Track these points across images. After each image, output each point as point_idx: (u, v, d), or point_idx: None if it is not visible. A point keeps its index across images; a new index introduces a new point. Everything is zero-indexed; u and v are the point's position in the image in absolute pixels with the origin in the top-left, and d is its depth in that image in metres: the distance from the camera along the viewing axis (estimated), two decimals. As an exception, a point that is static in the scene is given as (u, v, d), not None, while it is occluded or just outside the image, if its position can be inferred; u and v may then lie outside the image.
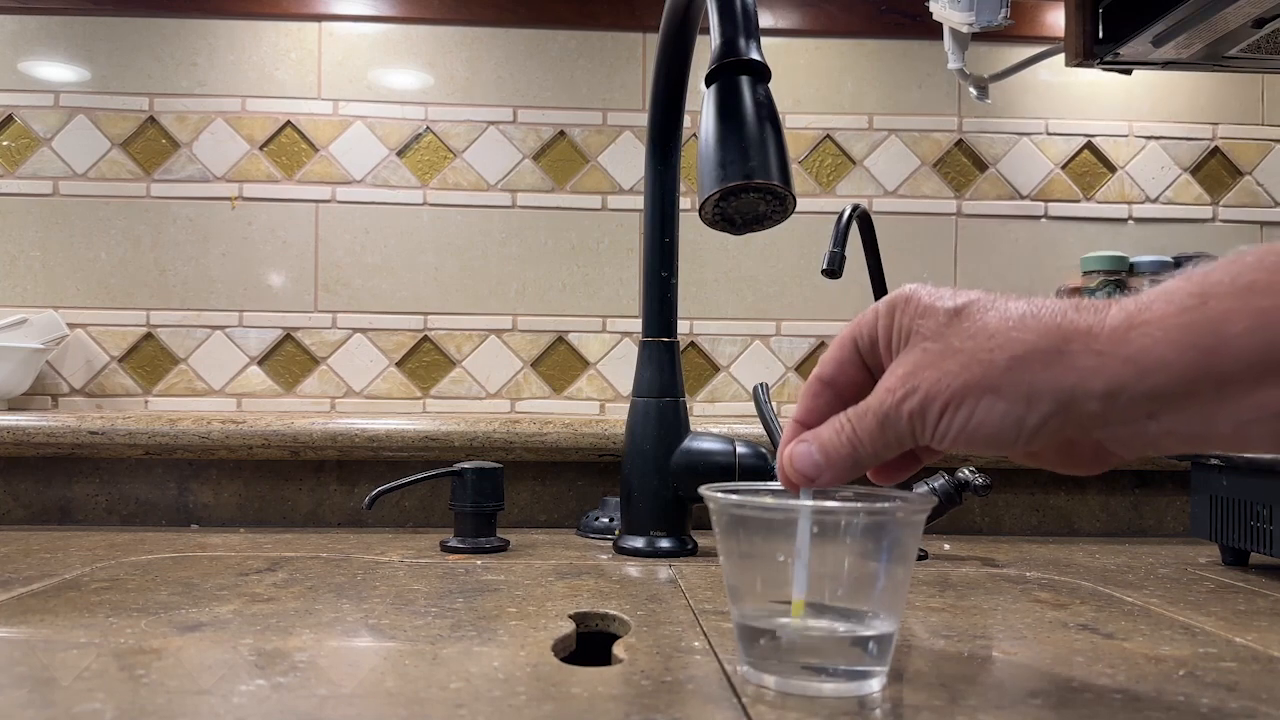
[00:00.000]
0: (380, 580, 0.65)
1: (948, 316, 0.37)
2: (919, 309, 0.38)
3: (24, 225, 1.21)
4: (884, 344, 0.39)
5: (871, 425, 0.38)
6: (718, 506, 0.41)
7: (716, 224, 0.58)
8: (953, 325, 0.37)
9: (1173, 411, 0.33)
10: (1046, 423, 0.35)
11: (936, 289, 0.39)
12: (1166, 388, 0.33)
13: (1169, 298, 0.33)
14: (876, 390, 0.39)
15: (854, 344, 0.41)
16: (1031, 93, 1.26)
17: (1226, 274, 0.32)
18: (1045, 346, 0.34)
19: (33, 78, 1.21)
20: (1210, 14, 0.86)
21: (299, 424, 0.93)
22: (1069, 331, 0.34)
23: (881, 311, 0.40)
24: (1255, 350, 0.31)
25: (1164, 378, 0.32)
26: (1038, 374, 0.34)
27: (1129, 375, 0.33)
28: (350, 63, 1.24)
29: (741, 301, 1.25)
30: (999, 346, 0.35)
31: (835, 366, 0.41)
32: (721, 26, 0.57)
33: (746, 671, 0.41)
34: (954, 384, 0.36)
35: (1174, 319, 0.32)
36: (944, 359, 0.36)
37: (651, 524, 0.78)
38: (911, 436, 0.37)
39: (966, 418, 0.36)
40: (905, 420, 0.37)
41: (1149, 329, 0.33)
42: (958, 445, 0.37)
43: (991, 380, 0.35)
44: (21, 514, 0.97)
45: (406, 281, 1.23)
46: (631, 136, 1.25)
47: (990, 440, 0.36)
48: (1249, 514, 0.72)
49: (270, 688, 0.40)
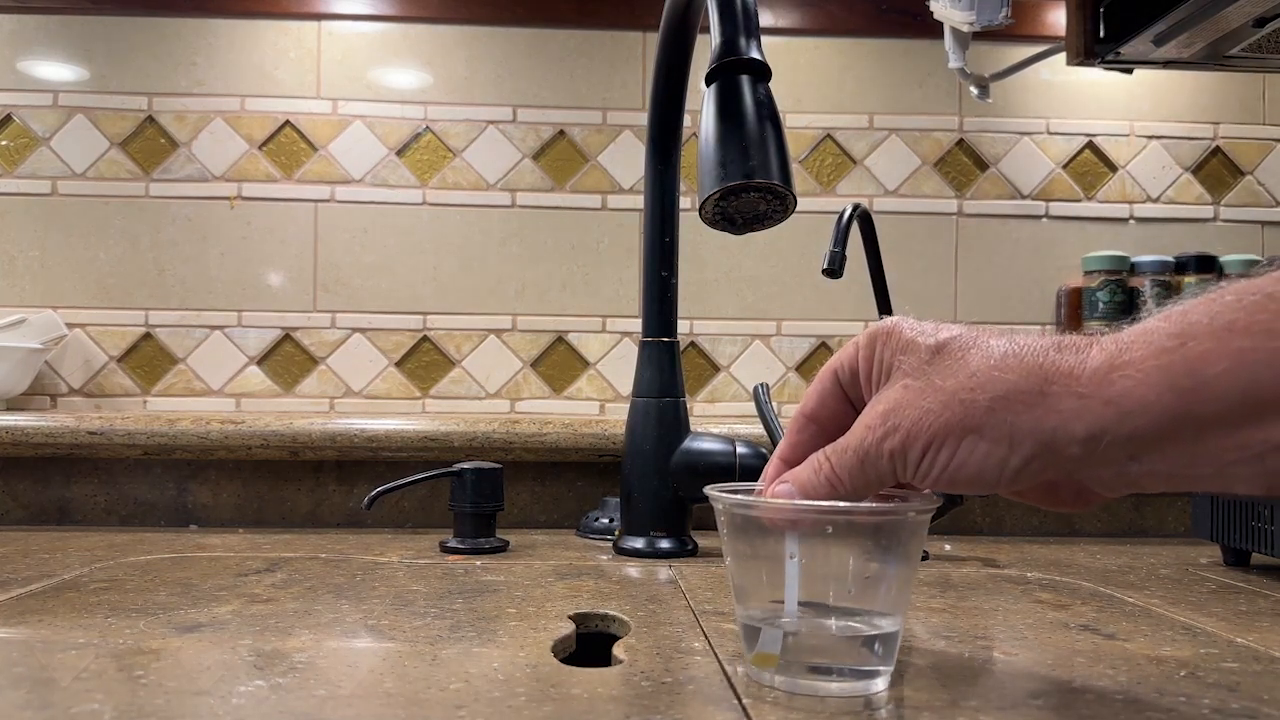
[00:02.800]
0: (379, 581, 0.65)
1: (929, 353, 0.37)
2: (900, 343, 0.38)
3: (22, 225, 1.21)
4: (864, 377, 0.39)
5: (852, 463, 0.38)
6: (724, 507, 0.40)
7: (717, 223, 0.58)
8: (934, 363, 0.36)
9: (1154, 453, 0.33)
10: (1029, 464, 0.34)
11: (918, 323, 0.38)
12: (1147, 430, 0.32)
13: (1148, 339, 0.33)
14: (855, 427, 0.38)
15: (835, 377, 0.41)
16: (1032, 92, 1.26)
17: (1205, 314, 0.32)
18: (1027, 388, 0.34)
19: (31, 77, 1.21)
20: (1211, 13, 0.86)
21: (298, 424, 0.93)
22: (1050, 373, 0.34)
23: (862, 345, 0.40)
24: (1235, 391, 0.31)
25: (1145, 420, 0.32)
26: (1020, 415, 0.34)
27: (1110, 418, 0.33)
28: (349, 62, 1.23)
29: (741, 301, 1.25)
30: (980, 386, 0.35)
31: (817, 400, 0.41)
32: (722, 25, 0.57)
33: (752, 672, 0.41)
34: (935, 424, 0.35)
35: (1153, 361, 0.32)
36: (924, 397, 0.36)
37: (651, 524, 0.77)
38: (892, 475, 0.37)
39: (948, 458, 0.36)
40: (886, 459, 0.37)
41: (1129, 370, 0.32)
42: (939, 486, 0.37)
43: (973, 421, 0.35)
44: (20, 514, 0.97)
45: (406, 281, 1.23)
46: (631, 136, 1.24)
47: (973, 480, 0.36)
48: (1250, 514, 0.72)
49: (269, 688, 0.40)
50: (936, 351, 0.37)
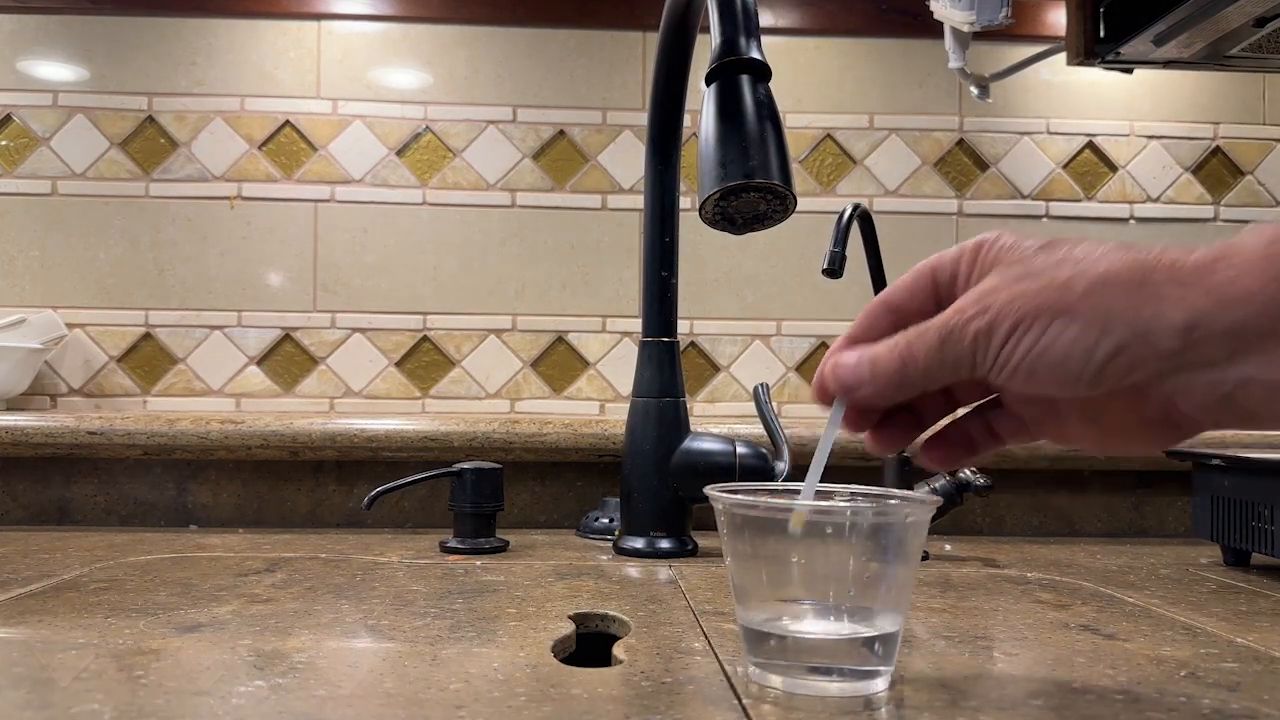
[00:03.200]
0: (379, 581, 0.65)
1: (1034, 249, 0.36)
2: (1006, 245, 0.36)
3: (22, 225, 1.21)
4: (964, 278, 0.38)
5: (931, 341, 0.36)
6: (724, 507, 0.40)
7: (717, 223, 0.58)
8: (1038, 255, 0.35)
9: (1255, 355, 0.31)
10: (1117, 355, 0.33)
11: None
12: (1249, 323, 0.31)
13: (1258, 233, 0.32)
14: (944, 311, 0.37)
15: (931, 275, 0.39)
16: (1032, 92, 1.26)
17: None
18: (1127, 277, 0.33)
19: (31, 77, 1.21)
20: (1211, 13, 0.86)
21: (298, 424, 0.93)
22: (1153, 265, 0.33)
23: (967, 247, 0.38)
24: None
25: (1247, 311, 0.31)
26: (1116, 300, 0.33)
27: (1210, 307, 0.32)
28: (349, 62, 1.23)
29: (741, 301, 1.25)
30: (1080, 273, 0.34)
31: (906, 292, 0.39)
32: (722, 25, 0.57)
33: (753, 672, 0.41)
34: (1026, 305, 0.34)
35: (1260, 251, 0.31)
36: (1021, 282, 0.35)
37: (651, 524, 0.77)
38: (970, 361, 0.35)
39: (1033, 342, 0.34)
40: (969, 339, 0.35)
41: (1234, 262, 0.32)
42: (1018, 377, 0.34)
43: (1067, 303, 0.33)
44: (20, 514, 0.97)
45: (406, 281, 1.23)
46: (631, 136, 1.24)
47: (1054, 369, 0.34)
48: (1250, 514, 0.72)
49: (269, 688, 0.40)
50: (1042, 247, 0.35)
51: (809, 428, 0.94)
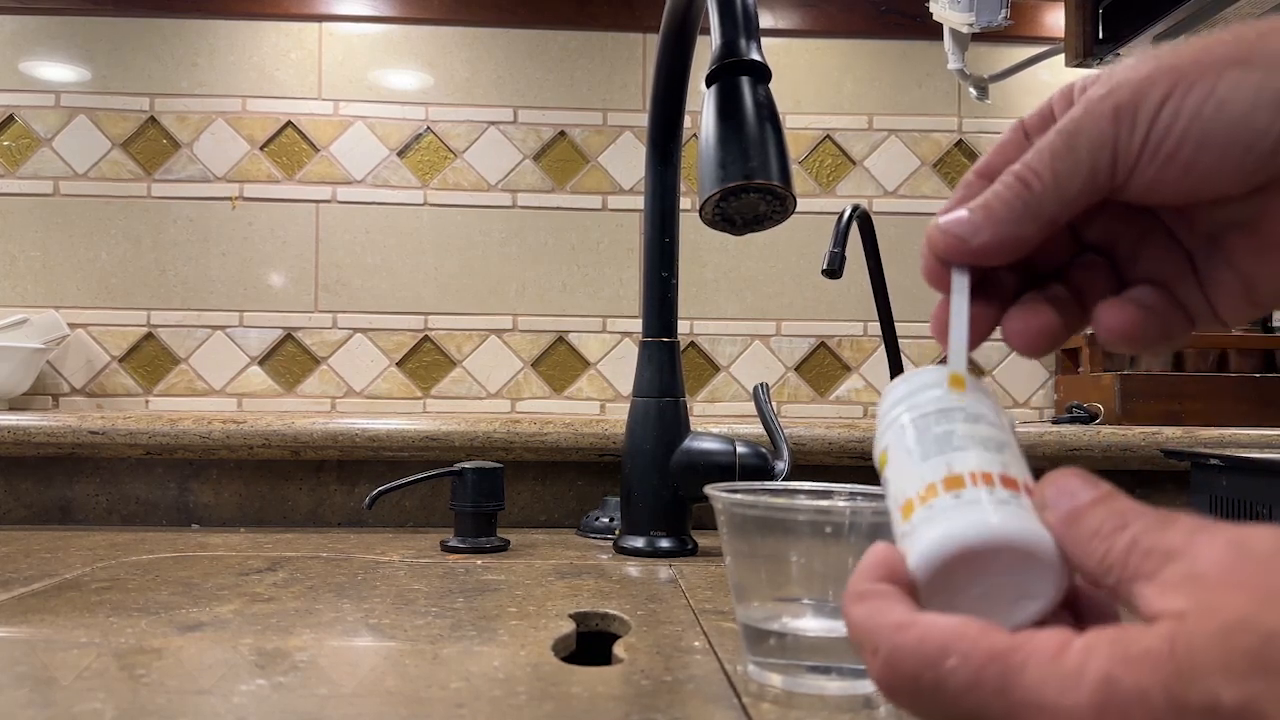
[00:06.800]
0: (380, 580, 0.65)
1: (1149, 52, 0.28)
2: (1104, 70, 0.29)
3: (25, 225, 1.21)
4: (1061, 111, 0.30)
5: (1056, 144, 0.28)
6: (724, 506, 0.41)
7: (716, 224, 0.58)
8: (1161, 49, 0.27)
9: None
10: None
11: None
12: None
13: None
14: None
15: (1021, 128, 0.31)
16: (1032, 93, 1.26)
17: None
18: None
19: (33, 78, 1.21)
20: (1211, 14, 0.87)
21: (299, 424, 0.93)
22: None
23: (1055, 93, 0.31)
24: None
25: None
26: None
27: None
28: (350, 63, 1.24)
29: (741, 301, 1.25)
30: (1234, 31, 0.26)
31: (998, 155, 0.31)
32: (722, 27, 0.57)
33: (752, 671, 0.41)
34: (1180, 64, 0.26)
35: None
36: (1157, 56, 0.27)
37: (652, 524, 0.78)
38: (1112, 150, 0.27)
39: (1202, 97, 0.26)
40: (1108, 119, 0.27)
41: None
42: (1183, 152, 0.26)
43: (1239, 52, 0.26)
44: (22, 514, 0.97)
45: (407, 281, 1.23)
46: (631, 136, 1.25)
47: (1236, 127, 0.25)
48: (1249, 514, 0.72)
49: (271, 687, 0.40)
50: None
51: (808, 427, 0.94)
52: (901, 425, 0.29)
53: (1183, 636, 0.20)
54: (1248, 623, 0.20)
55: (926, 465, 0.27)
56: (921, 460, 0.28)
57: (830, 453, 0.93)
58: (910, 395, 0.30)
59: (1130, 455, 0.94)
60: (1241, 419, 1.06)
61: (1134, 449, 0.94)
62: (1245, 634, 0.20)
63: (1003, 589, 0.25)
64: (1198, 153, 0.26)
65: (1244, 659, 0.19)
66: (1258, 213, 0.28)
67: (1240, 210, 0.28)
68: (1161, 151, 0.26)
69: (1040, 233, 0.29)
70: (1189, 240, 0.30)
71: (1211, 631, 0.20)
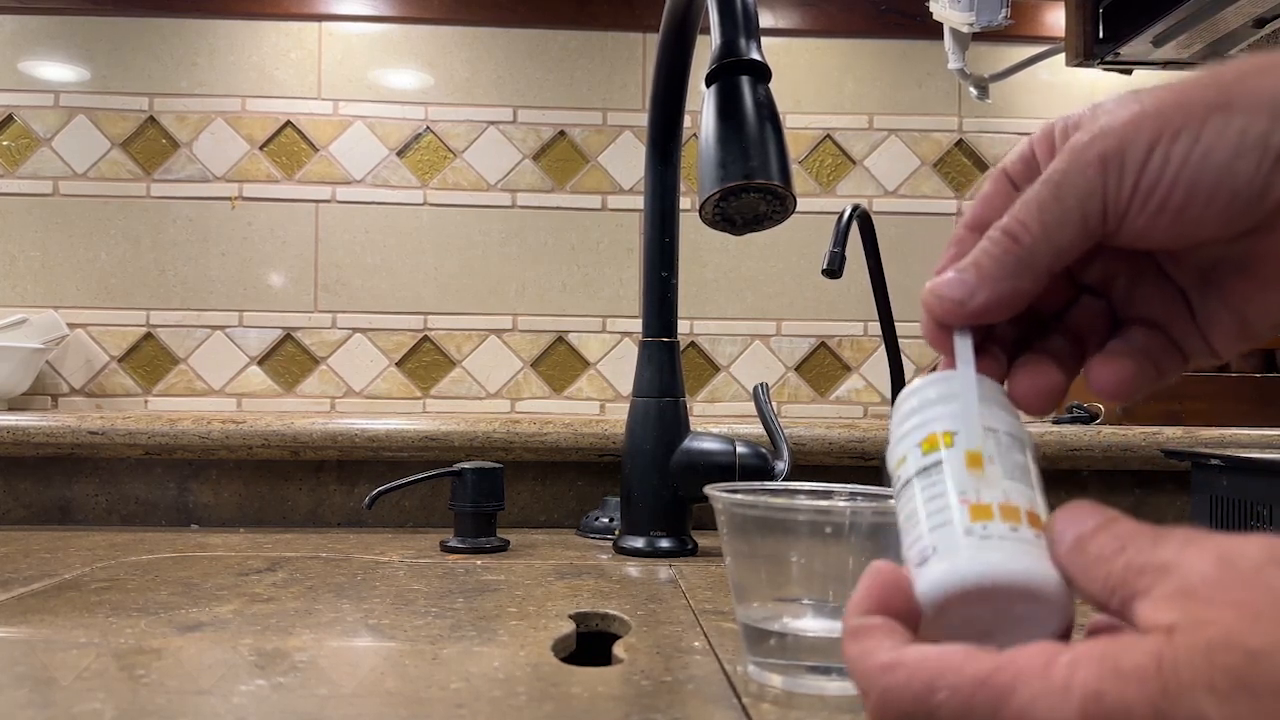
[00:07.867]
0: (380, 580, 0.65)
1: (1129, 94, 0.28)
2: (1086, 111, 0.29)
3: (24, 225, 1.21)
4: (1044, 155, 0.30)
5: (1041, 196, 0.28)
6: (724, 506, 0.41)
7: (716, 224, 0.58)
8: (1141, 91, 0.28)
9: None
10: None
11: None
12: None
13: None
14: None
15: (1004, 176, 0.31)
16: (1032, 93, 1.26)
17: None
18: (1267, 63, 0.26)
19: (33, 78, 1.21)
20: (1211, 14, 0.86)
21: (299, 424, 0.93)
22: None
23: (1035, 135, 0.31)
24: None
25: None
26: (1274, 80, 0.26)
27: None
28: (350, 63, 1.23)
29: (741, 301, 1.25)
30: (1216, 71, 0.26)
31: (985, 206, 0.31)
32: (722, 26, 0.57)
33: (752, 671, 0.41)
34: (1164, 111, 0.26)
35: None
36: (1136, 102, 0.27)
37: (651, 524, 0.77)
38: (1100, 198, 0.27)
39: (1189, 146, 0.26)
40: (1094, 168, 0.27)
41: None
42: (1171, 202, 0.26)
43: (1219, 96, 0.26)
44: (21, 514, 0.97)
45: (406, 281, 1.23)
46: (631, 136, 1.25)
47: (1223, 175, 0.26)
48: (1249, 514, 0.72)
49: (270, 688, 0.40)
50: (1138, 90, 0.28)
51: (808, 427, 0.94)
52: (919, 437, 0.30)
53: (1169, 652, 0.21)
54: (1231, 640, 0.20)
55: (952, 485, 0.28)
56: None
57: (830, 453, 0.93)
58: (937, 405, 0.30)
59: (1131, 455, 0.94)
60: (1242, 419, 1.06)
61: (1134, 449, 0.94)
62: (1229, 652, 0.20)
63: (1007, 617, 0.26)
64: (1187, 200, 0.26)
65: (1227, 678, 0.20)
66: (1248, 253, 0.28)
67: (1230, 250, 0.28)
68: (1153, 200, 0.27)
69: (1036, 284, 0.29)
70: (1182, 279, 0.30)
71: (1197, 648, 0.20)
